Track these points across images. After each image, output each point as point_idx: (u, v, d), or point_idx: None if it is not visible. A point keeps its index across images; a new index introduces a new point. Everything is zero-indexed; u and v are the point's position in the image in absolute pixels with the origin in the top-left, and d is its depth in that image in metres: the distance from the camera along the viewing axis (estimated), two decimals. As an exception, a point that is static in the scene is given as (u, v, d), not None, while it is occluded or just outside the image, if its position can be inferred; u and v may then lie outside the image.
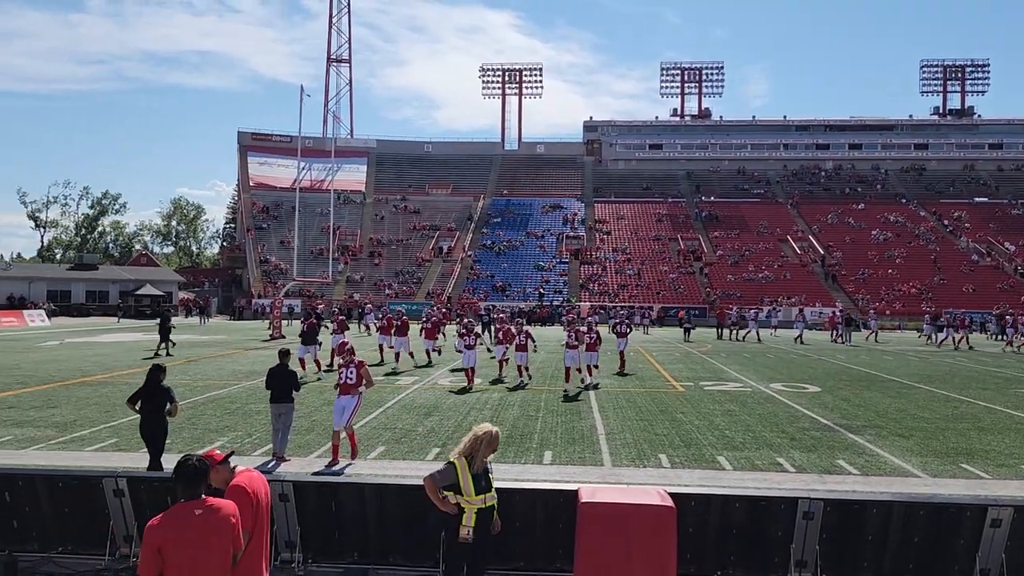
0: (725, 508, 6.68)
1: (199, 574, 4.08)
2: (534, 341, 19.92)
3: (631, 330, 24.01)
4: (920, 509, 6.56)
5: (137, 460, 10.32)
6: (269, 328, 39.20)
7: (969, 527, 6.41)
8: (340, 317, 25.61)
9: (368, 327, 40.25)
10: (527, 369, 19.88)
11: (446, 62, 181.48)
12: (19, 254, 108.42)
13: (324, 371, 21.00)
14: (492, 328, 29.45)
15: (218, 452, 4.67)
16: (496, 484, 7.23)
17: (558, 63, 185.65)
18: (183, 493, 4.22)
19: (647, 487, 6.49)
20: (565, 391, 17.89)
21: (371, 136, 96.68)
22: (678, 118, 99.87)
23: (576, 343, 18.94)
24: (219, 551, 4.16)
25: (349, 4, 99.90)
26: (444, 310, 32.66)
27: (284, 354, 11.34)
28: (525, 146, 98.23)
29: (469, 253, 75.15)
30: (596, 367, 20.07)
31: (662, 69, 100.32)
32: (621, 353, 23.87)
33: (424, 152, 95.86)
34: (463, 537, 5.41)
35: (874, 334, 43.57)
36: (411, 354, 23.65)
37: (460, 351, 20.51)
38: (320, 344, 21.92)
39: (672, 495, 6.00)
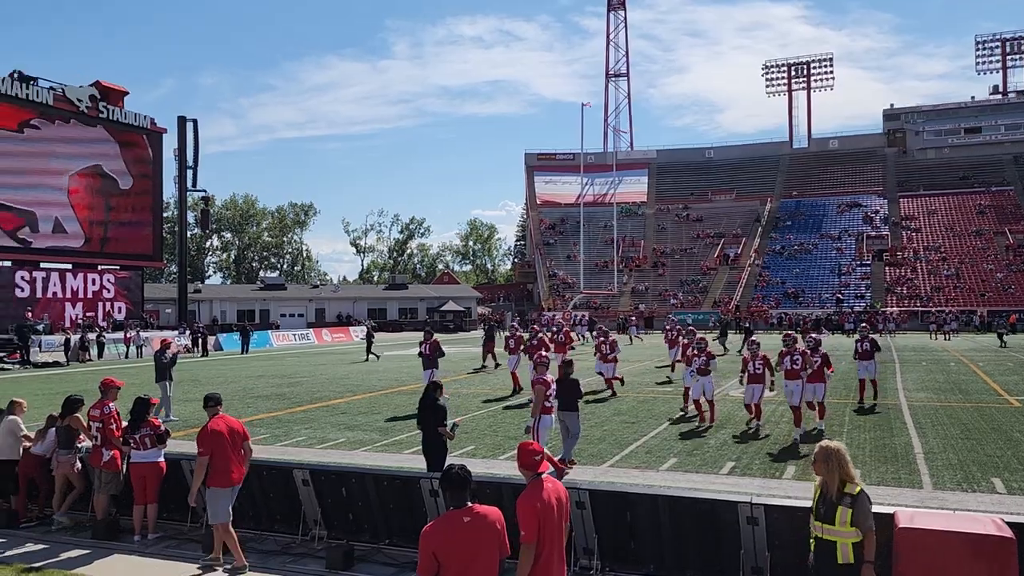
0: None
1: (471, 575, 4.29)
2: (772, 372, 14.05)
3: (879, 349, 16.96)
4: None
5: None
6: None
7: None
8: (519, 333, 22.59)
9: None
10: (757, 407, 13.89)
11: (727, 63, 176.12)
12: (344, 277, 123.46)
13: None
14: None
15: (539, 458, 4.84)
16: (791, 503, 6.73)
17: (852, 50, 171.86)
18: (450, 501, 4.48)
19: (977, 514, 5.72)
20: (801, 433, 12.95)
21: (651, 147, 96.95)
22: (1000, 96, 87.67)
23: (798, 367, 13.47)
24: (486, 557, 4.35)
25: (626, 19, 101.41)
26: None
27: (567, 364, 11.61)
28: (816, 143, 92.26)
29: (757, 261, 72.17)
30: (820, 403, 13.85)
31: (977, 43, 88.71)
32: (861, 382, 16.91)
33: (705, 158, 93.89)
34: (808, 561, 5.08)
35: None
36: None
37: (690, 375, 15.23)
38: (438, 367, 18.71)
39: (1011, 525, 5.23)
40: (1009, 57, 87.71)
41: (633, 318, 51.00)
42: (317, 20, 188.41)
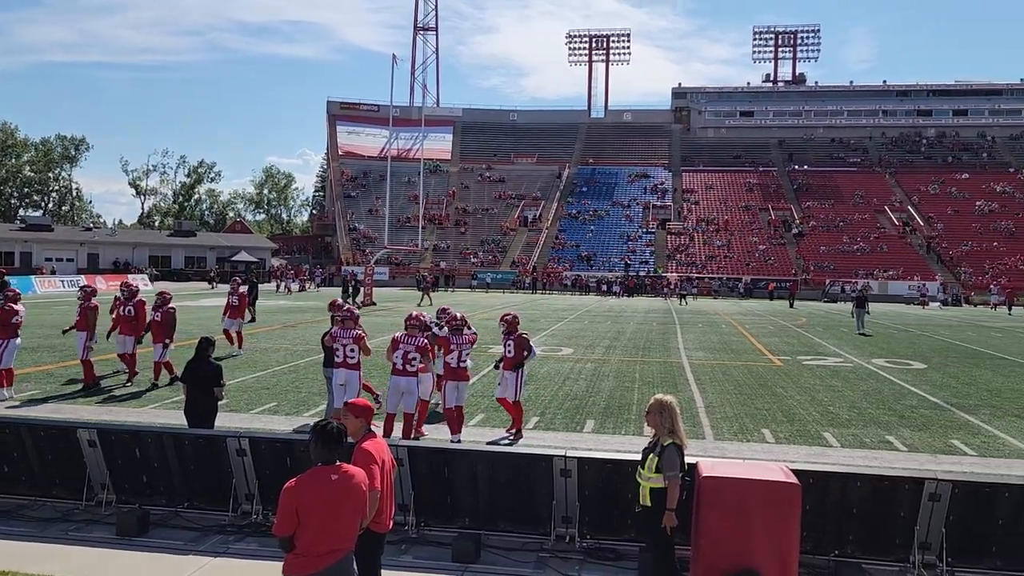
0: (845, 487, 6.46)
1: (330, 535, 4.19)
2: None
3: (532, 353, 11.03)
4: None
5: (248, 421, 10.72)
6: (353, 296, 40.03)
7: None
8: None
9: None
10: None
11: (535, 28, 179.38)
12: (121, 220, 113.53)
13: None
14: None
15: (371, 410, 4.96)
16: (600, 455, 7.25)
17: (649, 29, 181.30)
18: (319, 457, 4.30)
19: (768, 463, 6.34)
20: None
21: (457, 105, 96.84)
22: (771, 84, 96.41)
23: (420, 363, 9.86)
24: (350, 516, 4.27)
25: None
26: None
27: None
28: (612, 114, 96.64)
29: (554, 224, 74.82)
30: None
31: (755, 33, 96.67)
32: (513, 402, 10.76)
33: (510, 121, 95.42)
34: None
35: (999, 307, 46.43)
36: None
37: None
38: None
39: (796, 472, 5.84)
40: (780, 49, 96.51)
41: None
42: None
